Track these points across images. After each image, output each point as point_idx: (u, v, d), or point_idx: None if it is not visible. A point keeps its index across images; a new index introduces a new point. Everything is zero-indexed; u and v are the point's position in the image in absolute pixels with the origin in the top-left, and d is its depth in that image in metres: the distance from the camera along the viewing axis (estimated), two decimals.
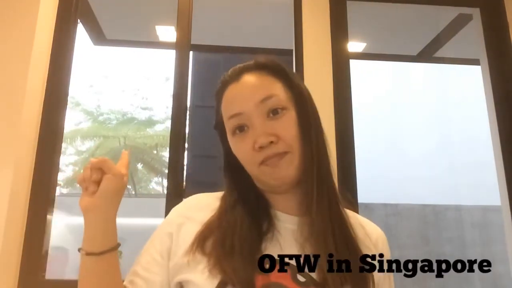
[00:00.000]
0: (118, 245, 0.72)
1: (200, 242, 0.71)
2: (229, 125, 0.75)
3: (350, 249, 0.71)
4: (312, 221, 0.72)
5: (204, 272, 0.68)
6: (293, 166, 0.72)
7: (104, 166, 0.69)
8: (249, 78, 0.76)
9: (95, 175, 0.69)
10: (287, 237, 0.73)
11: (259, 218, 0.74)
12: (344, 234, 0.73)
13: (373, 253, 0.76)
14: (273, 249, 0.71)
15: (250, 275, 0.66)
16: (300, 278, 0.68)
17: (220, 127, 0.80)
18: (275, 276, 0.67)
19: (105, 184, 0.68)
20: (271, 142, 0.70)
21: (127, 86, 13.30)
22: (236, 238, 0.69)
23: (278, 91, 0.74)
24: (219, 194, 0.81)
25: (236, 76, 0.77)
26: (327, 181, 0.74)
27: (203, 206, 0.79)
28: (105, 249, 0.69)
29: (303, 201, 0.75)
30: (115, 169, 0.69)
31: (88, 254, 0.69)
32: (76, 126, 11.40)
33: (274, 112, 0.72)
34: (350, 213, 0.79)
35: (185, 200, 0.83)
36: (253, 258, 0.68)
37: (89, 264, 0.70)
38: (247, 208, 0.75)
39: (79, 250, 0.70)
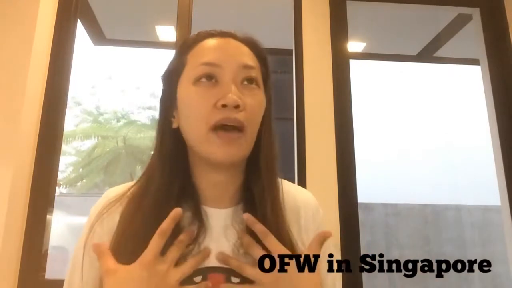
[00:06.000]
0: None
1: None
2: (194, 72, 0.65)
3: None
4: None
5: None
6: (243, 151, 0.64)
7: None
8: (237, 43, 0.69)
9: None
10: (219, 239, 0.65)
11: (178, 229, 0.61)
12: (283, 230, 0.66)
13: (301, 223, 0.70)
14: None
15: None
16: (234, 279, 0.62)
17: (172, 76, 0.69)
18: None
19: None
20: (238, 106, 0.62)
21: (128, 86, 13.31)
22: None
23: (258, 71, 0.69)
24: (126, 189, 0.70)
25: (223, 34, 0.70)
26: (276, 178, 0.69)
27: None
28: None
29: (241, 188, 0.69)
30: None
31: None
32: (76, 126, 11.40)
33: (250, 81, 0.66)
34: (284, 189, 0.71)
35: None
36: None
37: None
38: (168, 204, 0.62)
39: None
